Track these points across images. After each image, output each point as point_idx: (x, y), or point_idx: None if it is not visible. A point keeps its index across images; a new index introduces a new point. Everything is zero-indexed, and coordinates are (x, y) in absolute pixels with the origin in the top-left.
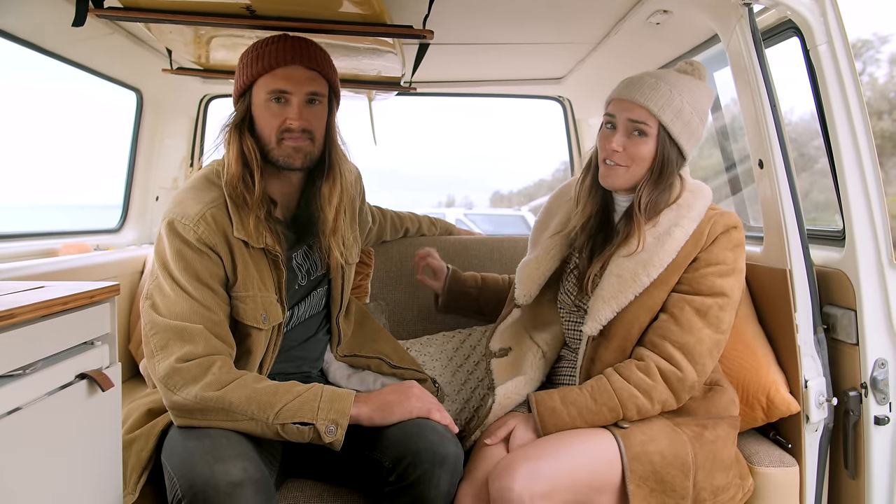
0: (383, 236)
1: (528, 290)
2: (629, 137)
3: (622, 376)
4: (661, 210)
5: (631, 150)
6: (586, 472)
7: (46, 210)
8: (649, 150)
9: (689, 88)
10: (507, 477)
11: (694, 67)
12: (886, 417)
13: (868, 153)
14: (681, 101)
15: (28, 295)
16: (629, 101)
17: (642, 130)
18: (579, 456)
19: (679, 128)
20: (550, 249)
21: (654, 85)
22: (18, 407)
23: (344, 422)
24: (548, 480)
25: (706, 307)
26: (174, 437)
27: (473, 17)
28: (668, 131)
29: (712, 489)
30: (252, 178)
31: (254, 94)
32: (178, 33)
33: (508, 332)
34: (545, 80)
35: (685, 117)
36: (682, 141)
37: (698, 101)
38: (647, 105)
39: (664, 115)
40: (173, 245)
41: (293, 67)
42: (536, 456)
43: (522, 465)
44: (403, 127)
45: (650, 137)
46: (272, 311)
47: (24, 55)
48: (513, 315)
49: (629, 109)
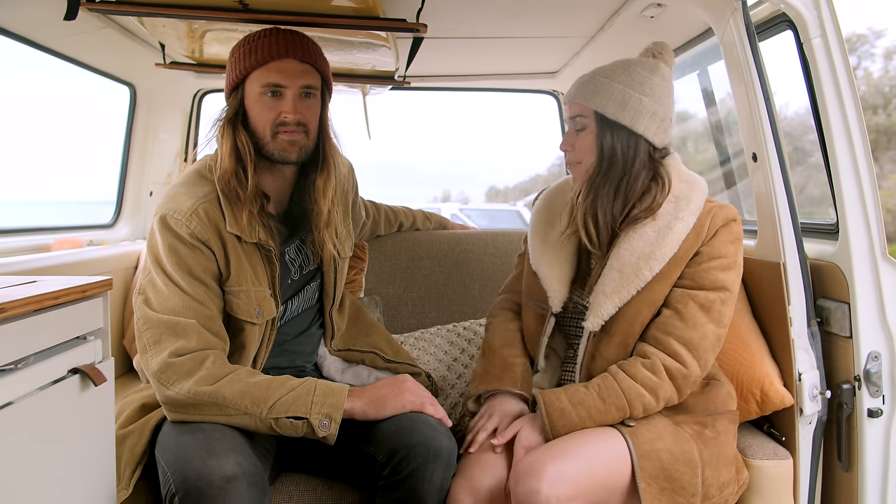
0: (377, 230)
1: (560, 296)
2: (574, 135)
3: (628, 375)
4: (660, 202)
5: (577, 146)
6: (603, 473)
7: (40, 206)
8: (590, 141)
9: (627, 70)
10: (534, 479)
11: (655, 51)
12: (880, 410)
13: (861, 147)
14: (609, 83)
15: (20, 289)
16: (568, 104)
17: (580, 125)
18: (595, 457)
19: (614, 109)
20: (566, 248)
21: (585, 80)
22: (10, 402)
23: (338, 416)
24: (573, 482)
25: (710, 302)
26: (168, 432)
27: (467, 11)
28: (603, 116)
29: (719, 485)
30: (245, 172)
31: (247, 88)
32: (172, 27)
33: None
34: (539, 75)
35: (618, 96)
36: (624, 121)
37: (636, 78)
38: (576, 99)
39: (592, 102)
40: (166, 240)
41: (287, 61)
42: (560, 457)
43: (548, 467)
44: (399, 122)
45: (588, 129)
46: (266, 305)
47: (16, 50)
48: (550, 324)
49: (569, 109)
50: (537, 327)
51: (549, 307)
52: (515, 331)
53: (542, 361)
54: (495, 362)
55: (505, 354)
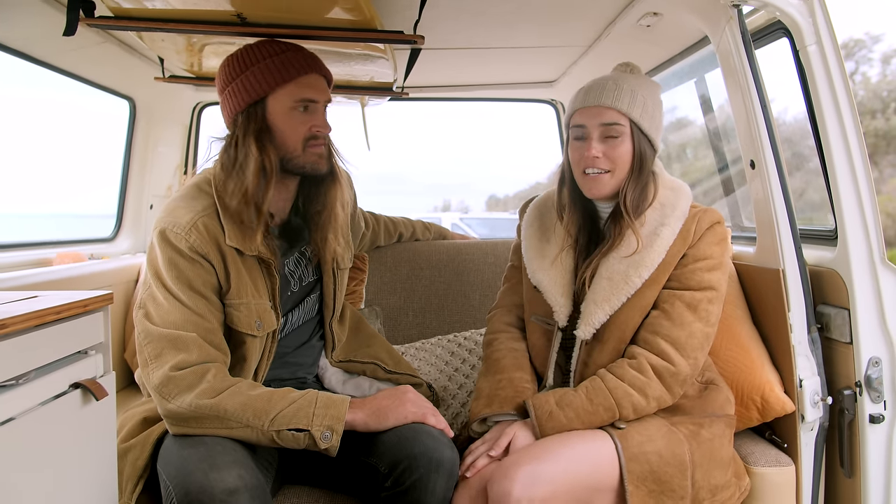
0: (377, 241)
1: (566, 310)
2: (605, 142)
3: (615, 375)
4: (645, 209)
5: (611, 154)
6: (585, 475)
7: (40, 220)
8: (627, 150)
9: (641, 83)
10: (507, 480)
11: (632, 66)
12: (881, 415)
13: (859, 152)
14: (642, 95)
15: (21, 305)
16: (596, 106)
17: (617, 132)
18: (577, 458)
19: (647, 121)
20: (566, 261)
21: (615, 86)
22: (12, 417)
23: (339, 427)
24: (548, 484)
25: (696, 301)
26: (169, 446)
27: (464, 22)
28: (639, 127)
29: (710, 488)
30: (266, 190)
31: (271, 104)
32: (170, 41)
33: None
34: (537, 84)
35: (650, 110)
36: (652, 133)
37: (653, 92)
38: (616, 106)
39: (633, 112)
40: (165, 254)
41: (313, 76)
42: (536, 458)
43: (522, 468)
44: (398, 132)
45: (625, 137)
46: (266, 317)
47: (16, 64)
48: (558, 338)
49: (599, 115)
50: (545, 343)
51: (555, 322)
52: (523, 352)
53: (550, 378)
54: (504, 384)
55: (514, 378)
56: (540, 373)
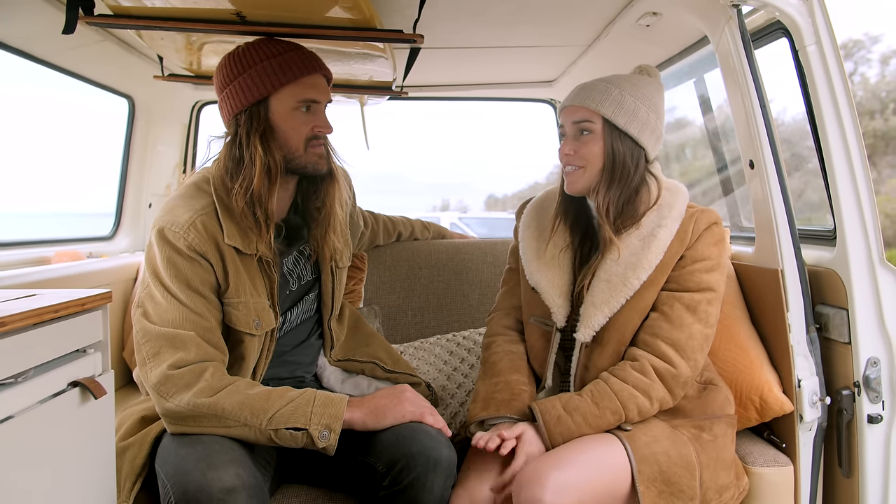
0: (376, 241)
1: (564, 311)
2: (577, 140)
3: (619, 378)
4: (643, 212)
5: (581, 151)
6: (605, 480)
7: (39, 219)
8: (598, 147)
9: (633, 82)
10: (538, 487)
11: (647, 69)
12: (879, 416)
13: (857, 153)
14: (621, 93)
15: (19, 303)
16: (571, 106)
17: (587, 129)
18: (596, 464)
19: (624, 119)
20: (563, 262)
21: (593, 85)
22: (10, 415)
23: (337, 426)
24: (576, 491)
25: (695, 303)
26: (167, 445)
27: (464, 21)
28: (612, 124)
29: (717, 488)
30: (271, 191)
31: (273, 104)
32: (170, 40)
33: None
34: (536, 84)
35: (629, 107)
36: (632, 131)
37: (643, 92)
38: (585, 104)
39: (603, 108)
40: (163, 252)
41: (315, 76)
42: (561, 466)
43: (552, 475)
44: (398, 132)
45: (596, 134)
46: (265, 316)
47: (15, 63)
48: (556, 339)
49: (572, 113)
50: (544, 344)
51: (553, 323)
52: (521, 354)
53: (549, 380)
54: (501, 387)
55: (511, 381)
56: (539, 374)
